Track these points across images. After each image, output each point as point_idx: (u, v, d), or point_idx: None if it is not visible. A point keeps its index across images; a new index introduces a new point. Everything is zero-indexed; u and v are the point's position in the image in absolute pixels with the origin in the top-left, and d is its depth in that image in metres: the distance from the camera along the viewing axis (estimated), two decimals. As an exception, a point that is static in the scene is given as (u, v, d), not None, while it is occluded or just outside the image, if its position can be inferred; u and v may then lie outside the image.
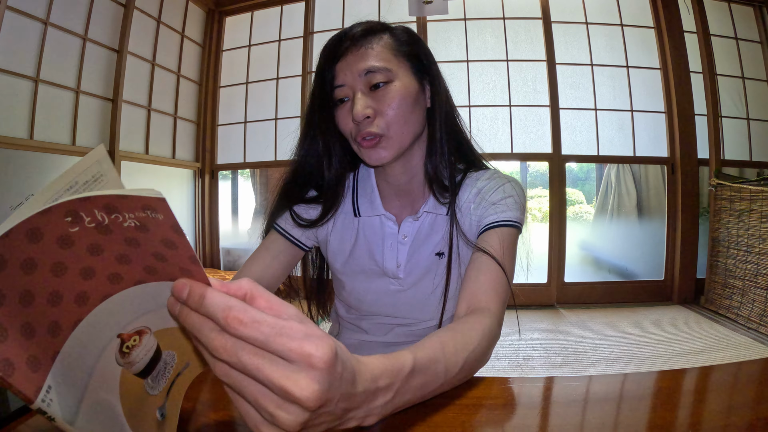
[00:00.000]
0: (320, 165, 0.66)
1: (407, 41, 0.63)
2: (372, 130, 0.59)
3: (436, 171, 0.65)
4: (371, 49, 0.59)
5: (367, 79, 0.59)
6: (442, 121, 0.64)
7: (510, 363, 2.07)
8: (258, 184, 4.13)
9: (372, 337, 0.74)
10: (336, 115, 0.62)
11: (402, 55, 0.61)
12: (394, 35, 0.62)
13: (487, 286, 0.55)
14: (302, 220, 0.68)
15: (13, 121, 2.27)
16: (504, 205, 0.62)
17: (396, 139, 0.60)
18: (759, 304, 2.49)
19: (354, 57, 0.59)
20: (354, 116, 0.58)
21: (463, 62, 3.24)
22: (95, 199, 0.22)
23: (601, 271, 3.44)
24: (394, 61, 0.60)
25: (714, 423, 0.35)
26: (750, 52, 3.31)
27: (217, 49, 3.74)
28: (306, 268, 0.79)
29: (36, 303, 0.24)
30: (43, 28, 2.38)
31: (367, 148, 0.60)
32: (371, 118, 0.58)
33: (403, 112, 0.60)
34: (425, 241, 0.67)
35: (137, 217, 0.24)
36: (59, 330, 0.25)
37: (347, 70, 0.59)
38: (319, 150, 0.66)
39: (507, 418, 0.37)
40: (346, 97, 0.61)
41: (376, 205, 0.69)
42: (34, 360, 0.23)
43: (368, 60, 0.58)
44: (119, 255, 0.26)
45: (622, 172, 3.65)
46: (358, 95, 0.58)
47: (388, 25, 0.63)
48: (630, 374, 0.48)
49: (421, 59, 0.63)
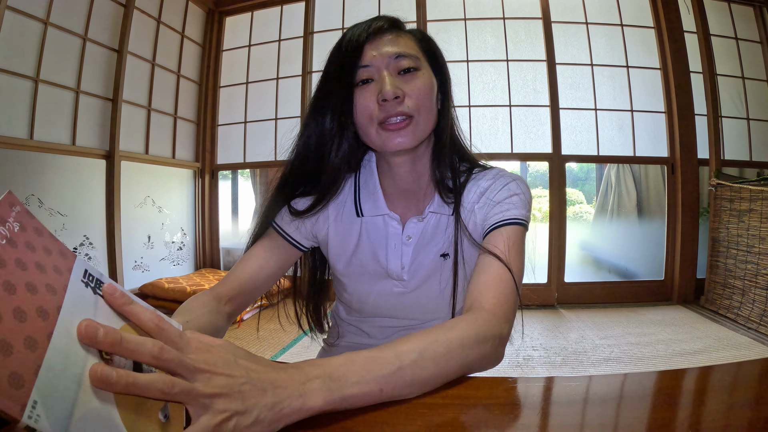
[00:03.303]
0: (325, 148, 0.63)
1: (428, 41, 0.65)
2: (403, 110, 0.58)
3: (442, 170, 0.65)
4: (400, 38, 0.61)
5: (397, 63, 0.59)
6: (449, 122, 0.65)
7: (510, 363, 2.07)
8: (258, 184, 4.13)
9: (373, 340, 0.73)
10: (356, 95, 0.60)
11: (424, 51, 0.63)
12: (414, 33, 0.64)
13: (486, 285, 0.54)
14: (296, 210, 0.66)
15: (13, 121, 2.28)
16: (509, 204, 0.62)
17: (422, 126, 0.60)
18: (759, 304, 2.49)
19: (384, 41, 0.60)
20: (384, 94, 0.57)
21: (463, 62, 3.24)
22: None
23: (601, 271, 3.44)
24: (420, 53, 0.62)
25: (714, 423, 0.35)
26: (750, 52, 3.31)
27: (217, 49, 3.74)
28: (304, 270, 0.77)
29: (5, 321, 0.24)
30: (43, 28, 2.38)
31: (392, 131, 0.58)
32: (400, 98, 0.58)
33: (429, 101, 0.60)
34: (430, 242, 0.66)
35: (15, 218, 0.28)
36: (36, 344, 0.25)
37: (375, 52, 0.59)
38: (328, 130, 0.62)
39: (507, 418, 0.37)
40: (370, 78, 0.59)
41: (379, 204, 0.67)
42: (16, 377, 0.23)
43: (399, 45, 0.59)
44: (36, 264, 0.28)
45: (622, 172, 3.65)
46: (387, 75, 0.58)
47: (406, 26, 0.65)
48: (630, 374, 0.48)
49: (439, 59, 0.65)
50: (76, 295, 0.30)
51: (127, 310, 0.31)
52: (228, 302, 0.62)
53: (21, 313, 0.25)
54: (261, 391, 0.32)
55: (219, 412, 0.30)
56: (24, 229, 0.29)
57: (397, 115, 0.58)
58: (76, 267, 0.32)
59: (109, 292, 0.31)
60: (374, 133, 0.60)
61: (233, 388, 0.31)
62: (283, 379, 0.34)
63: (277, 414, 0.33)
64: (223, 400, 0.30)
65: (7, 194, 0.29)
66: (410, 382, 0.40)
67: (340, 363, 0.38)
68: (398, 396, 0.40)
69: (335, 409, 0.36)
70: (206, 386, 0.30)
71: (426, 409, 0.39)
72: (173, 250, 3.40)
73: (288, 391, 0.34)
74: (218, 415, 0.30)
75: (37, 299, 0.27)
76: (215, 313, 0.58)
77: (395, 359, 0.40)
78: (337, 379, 0.36)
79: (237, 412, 0.30)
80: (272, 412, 0.32)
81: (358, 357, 0.39)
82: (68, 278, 0.30)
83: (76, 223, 2.61)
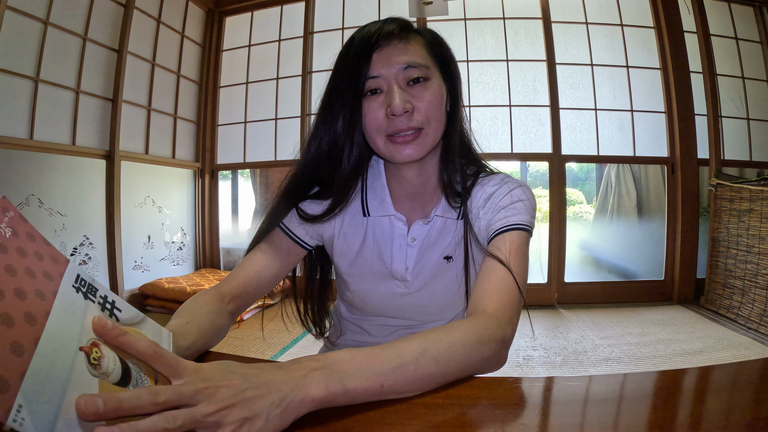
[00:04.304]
0: (335, 155, 0.62)
1: (439, 44, 0.63)
2: (412, 125, 0.58)
3: (450, 175, 0.64)
4: (410, 45, 0.59)
5: (407, 74, 0.58)
6: (459, 126, 0.64)
7: (510, 363, 2.08)
8: (258, 184, 4.14)
9: (374, 338, 0.73)
10: (364, 106, 0.59)
11: (434, 57, 0.61)
12: (424, 35, 0.62)
13: (489, 289, 0.54)
14: (307, 215, 0.66)
15: (13, 121, 2.28)
16: (513, 209, 0.62)
17: (430, 137, 0.60)
18: (759, 304, 2.49)
19: (393, 49, 0.58)
20: (393, 109, 0.56)
21: (463, 62, 3.24)
22: None
23: (601, 271, 3.44)
24: (429, 61, 0.60)
25: (714, 423, 0.35)
26: (750, 52, 3.31)
27: (217, 49, 3.74)
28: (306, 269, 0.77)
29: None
30: (43, 28, 2.38)
31: (400, 144, 0.58)
32: (409, 113, 0.57)
33: (438, 112, 0.60)
34: (434, 244, 0.66)
35: (7, 224, 0.29)
36: (22, 349, 0.26)
37: (384, 62, 0.57)
38: (340, 137, 0.61)
39: (507, 418, 0.37)
40: (378, 89, 0.59)
41: (386, 204, 0.67)
42: (1, 381, 0.24)
43: (408, 54, 0.58)
44: (26, 269, 0.29)
45: (622, 172, 3.65)
46: (396, 88, 0.57)
47: (416, 27, 0.63)
48: (630, 374, 0.48)
49: (449, 64, 0.63)
50: (66, 300, 0.31)
51: (121, 342, 0.32)
52: (231, 301, 0.62)
53: (8, 319, 0.26)
54: (264, 392, 0.33)
55: (229, 425, 0.30)
56: (16, 235, 0.30)
57: (407, 129, 0.58)
58: (68, 272, 0.32)
59: (101, 326, 0.31)
60: (382, 144, 0.60)
61: (237, 397, 0.32)
62: (282, 375, 0.35)
63: (284, 410, 0.33)
64: (230, 411, 0.31)
65: (1, 199, 0.29)
66: (411, 380, 0.40)
67: (341, 357, 0.38)
68: (399, 393, 0.40)
69: (337, 400, 0.36)
70: (209, 404, 0.30)
71: (426, 409, 0.39)
72: (173, 250, 3.40)
73: (290, 385, 0.34)
74: (228, 427, 0.30)
75: (25, 305, 0.27)
76: (217, 314, 0.57)
77: (396, 356, 0.40)
78: (339, 371, 0.37)
79: (246, 418, 0.31)
80: (279, 408, 0.33)
81: (359, 352, 0.39)
82: (59, 283, 0.31)
83: (76, 223, 2.61)
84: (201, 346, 0.51)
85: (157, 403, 0.29)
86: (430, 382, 0.42)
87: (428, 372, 0.41)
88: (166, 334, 0.41)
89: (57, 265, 0.32)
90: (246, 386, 0.32)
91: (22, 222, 0.31)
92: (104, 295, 0.36)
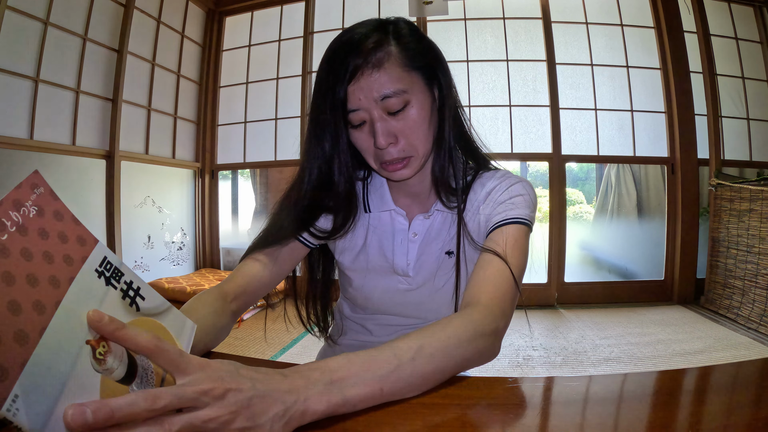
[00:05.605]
0: (331, 180, 0.62)
1: (415, 49, 0.58)
2: (399, 155, 0.58)
3: (443, 171, 0.63)
4: (383, 69, 0.55)
5: (384, 105, 0.56)
6: (450, 121, 0.62)
7: (510, 363, 2.07)
8: (258, 184, 4.14)
9: (376, 338, 0.73)
10: (354, 136, 0.60)
11: (413, 68, 0.57)
12: (401, 43, 0.57)
13: (484, 281, 0.54)
14: (320, 232, 0.65)
15: (13, 121, 2.28)
16: (512, 204, 0.62)
17: (420, 159, 0.60)
18: (759, 304, 2.49)
19: (367, 80, 0.55)
20: (377, 146, 0.57)
21: (463, 62, 3.24)
22: (4, 201, 0.26)
23: (601, 271, 3.44)
24: (407, 79, 0.56)
25: (714, 423, 0.35)
26: (750, 52, 3.31)
27: (217, 49, 3.74)
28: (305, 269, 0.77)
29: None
30: (43, 28, 2.38)
31: (391, 170, 0.59)
32: (394, 143, 0.58)
33: (423, 132, 0.59)
34: (435, 239, 0.67)
35: (33, 202, 0.28)
36: (26, 338, 0.25)
37: (361, 95, 0.55)
38: (330, 165, 0.61)
39: (507, 418, 0.37)
40: (363, 121, 0.58)
41: (386, 200, 0.68)
42: (1, 369, 0.23)
43: (383, 84, 0.55)
44: (44, 253, 0.28)
45: (622, 172, 3.65)
46: (378, 124, 0.56)
47: (393, 29, 0.58)
48: (630, 374, 0.48)
49: (432, 66, 0.60)
50: (83, 287, 0.30)
51: (119, 336, 0.29)
52: (234, 300, 0.62)
53: (16, 306, 0.25)
54: (270, 403, 0.32)
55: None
56: (41, 214, 0.29)
57: (395, 160, 0.58)
58: (94, 254, 0.32)
59: (96, 319, 0.29)
60: (377, 167, 0.61)
61: (242, 405, 0.31)
62: (287, 385, 0.34)
63: (286, 423, 0.33)
64: (233, 419, 0.30)
65: (32, 174, 0.29)
66: (410, 380, 0.40)
67: (340, 365, 0.38)
68: (399, 395, 0.40)
69: (338, 411, 0.36)
70: (213, 408, 0.29)
71: (426, 409, 0.39)
72: (173, 250, 3.40)
73: (293, 396, 0.34)
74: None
75: (36, 292, 0.27)
76: (219, 313, 0.57)
77: (393, 357, 0.40)
78: (338, 381, 0.37)
79: (247, 429, 0.31)
80: (282, 422, 0.32)
81: (356, 357, 0.39)
82: (78, 269, 0.30)
83: (76, 223, 2.61)
84: (203, 346, 0.51)
85: (155, 410, 0.27)
86: (429, 380, 0.42)
87: (426, 370, 0.41)
88: (190, 325, 0.40)
89: (82, 247, 0.31)
90: (252, 394, 0.32)
91: (51, 199, 0.30)
92: (129, 281, 0.34)
